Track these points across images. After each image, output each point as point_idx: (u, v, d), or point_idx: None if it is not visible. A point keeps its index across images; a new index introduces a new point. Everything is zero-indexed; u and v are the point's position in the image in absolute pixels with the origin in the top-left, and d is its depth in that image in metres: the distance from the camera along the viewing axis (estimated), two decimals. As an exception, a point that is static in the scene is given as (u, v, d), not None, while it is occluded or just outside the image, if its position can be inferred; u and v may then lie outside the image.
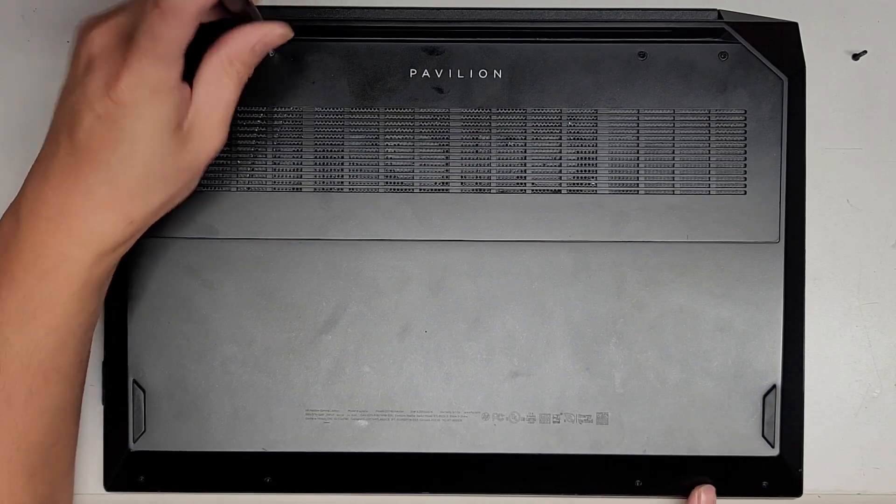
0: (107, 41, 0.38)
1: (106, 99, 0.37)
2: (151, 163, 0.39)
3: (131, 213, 0.40)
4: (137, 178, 0.39)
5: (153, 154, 0.39)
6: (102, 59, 0.37)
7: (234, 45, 0.40)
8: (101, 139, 0.38)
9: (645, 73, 0.47)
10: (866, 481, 0.50)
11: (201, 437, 0.48)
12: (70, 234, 0.39)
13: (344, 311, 0.48)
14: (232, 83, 0.41)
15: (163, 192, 0.40)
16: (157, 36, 0.36)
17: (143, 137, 0.38)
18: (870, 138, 0.50)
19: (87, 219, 0.39)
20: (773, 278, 0.47)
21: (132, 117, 0.37)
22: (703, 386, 0.47)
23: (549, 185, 0.47)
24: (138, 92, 0.37)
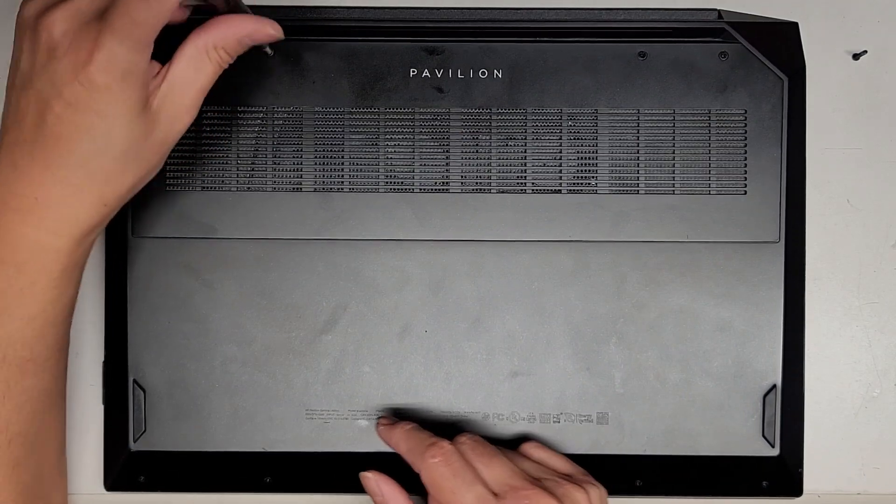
0: (69, 26, 0.37)
1: (76, 84, 0.37)
2: (125, 145, 0.39)
3: (106, 195, 0.40)
4: (112, 160, 0.39)
5: (126, 136, 0.38)
6: (67, 45, 0.37)
7: (223, 32, 0.40)
8: (72, 126, 0.37)
9: (645, 73, 0.47)
10: (866, 481, 0.50)
11: (201, 436, 0.48)
12: (45, 223, 0.39)
13: (344, 311, 0.48)
14: (211, 68, 0.41)
15: (136, 171, 0.40)
16: (137, 20, 0.36)
17: (116, 121, 0.38)
18: (870, 138, 0.50)
19: (62, 207, 0.39)
20: (774, 278, 0.47)
21: (104, 101, 0.37)
22: (703, 386, 0.47)
23: (549, 185, 0.47)
24: (110, 75, 0.37)
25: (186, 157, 0.47)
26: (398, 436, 0.45)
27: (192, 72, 0.40)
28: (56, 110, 0.37)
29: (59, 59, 0.37)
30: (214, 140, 0.47)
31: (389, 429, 0.46)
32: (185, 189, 0.47)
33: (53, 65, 0.37)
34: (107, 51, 0.36)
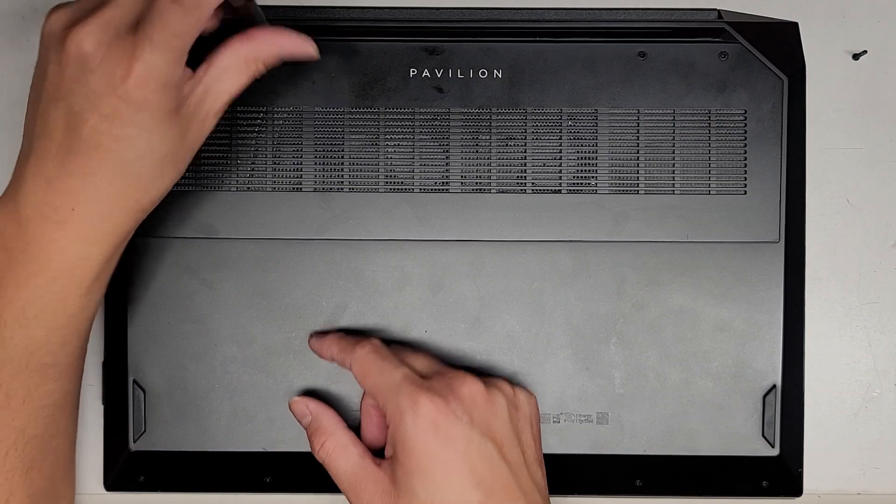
0: (101, 39, 0.36)
1: (113, 97, 0.36)
2: (162, 151, 0.39)
3: (143, 200, 0.40)
4: (150, 166, 0.39)
5: (164, 143, 0.38)
6: (101, 58, 0.36)
7: (264, 46, 0.40)
8: (110, 137, 0.37)
9: (645, 73, 0.47)
10: (866, 481, 0.50)
11: (201, 436, 0.48)
12: (83, 233, 0.39)
13: (344, 311, 0.48)
14: (245, 79, 0.41)
15: (171, 174, 0.40)
16: (175, 31, 0.36)
17: (155, 130, 0.38)
18: (870, 138, 0.50)
19: (100, 216, 0.39)
20: (773, 278, 0.47)
21: (143, 113, 0.37)
22: (703, 386, 0.47)
23: (549, 185, 0.47)
24: (149, 89, 0.37)
25: (186, 157, 0.47)
26: (329, 342, 0.45)
27: (228, 79, 0.40)
28: (91, 123, 0.37)
29: (92, 71, 0.36)
30: (215, 140, 0.47)
31: (320, 339, 0.46)
32: (185, 189, 0.47)
33: (87, 77, 0.37)
34: (145, 64, 0.36)
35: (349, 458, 0.43)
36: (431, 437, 0.39)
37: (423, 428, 0.39)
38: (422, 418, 0.40)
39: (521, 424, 0.42)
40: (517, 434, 0.42)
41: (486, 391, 0.41)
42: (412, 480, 0.40)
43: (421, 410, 0.40)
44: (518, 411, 0.42)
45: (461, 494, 0.39)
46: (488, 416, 0.40)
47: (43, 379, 0.41)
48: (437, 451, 0.39)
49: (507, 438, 0.41)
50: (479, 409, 0.40)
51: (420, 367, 0.43)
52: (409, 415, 0.40)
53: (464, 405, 0.40)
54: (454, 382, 0.41)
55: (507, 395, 0.42)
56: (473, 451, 0.40)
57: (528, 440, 0.42)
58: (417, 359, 0.44)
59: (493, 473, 0.40)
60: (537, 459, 0.42)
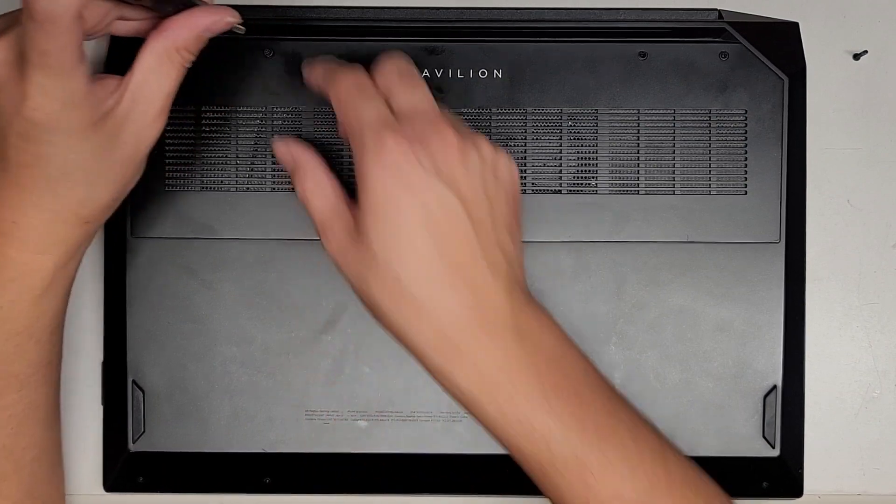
0: (7, 57, 0.36)
1: (20, 118, 0.36)
2: (88, 165, 0.38)
3: (83, 214, 0.39)
4: (78, 182, 0.38)
5: (87, 158, 0.37)
6: (5, 77, 0.36)
7: (180, 33, 0.38)
8: (28, 154, 0.37)
9: (645, 73, 0.47)
10: (867, 482, 0.50)
11: (201, 437, 0.47)
12: (27, 245, 0.39)
13: (344, 311, 0.48)
14: (174, 72, 0.39)
15: (110, 187, 0.39)
16: (43, 49, 0.34)
17: (71, 146, 0.37)
18: (870, 138, 0.50)
19: (42, 229, 0.39)
20: (774, 278, 0.47)
21: (52, 131, 0.36)
22: (703, 386, 0.47)
23: (549, 185, 0.47)
24: (49, 107, 0.35)
25: (186, 157, 0.47)
26: (317, 67, 0.42)
27: (155, 80, 0.38)
28: (11, 140, 0.37)
29: (3, 92, 0.36)
30: (214, 140, 0.47)
31: (311, 63, 0.43)
32: (185, 189, 0.47)
33: (1, 98, 0.36)
34: (36, 85, 0.35)
35: (324, 196, 0.40)
36: (390, 179, 0.37)
37: (383, 169, 0.37)
38: (383, 159, 0.37)
39: (493, 188, 0.39)
40: (487, 195, 0.38)
41: (461, 145, 0.38)
42: (367, 220, 0.37)
43: (383, 151, 0.37)
44: (494, 176, 0.39)
45: (411, 240, 0.37)
46: (456, 170, 0.37)
47: (6, 388, 0.40)
48: (394, 193, 0.37)
49: (473, 196, 0.38)
50: (447, 161, 0.37)
51: (405, 103, 0.39)
52: (372, 154, 0.37)
53: (430, 154, 0.37)
54: (427, 130, 0.38)
55: (483, 156, 0.39)
56: (432, 200, 0.37)
57: (501, 207, 0.39)
58: (407, 93, 0.39)
59: (451, 227, 0.37)
60: (507, 227, 0.39)
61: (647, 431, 0.39)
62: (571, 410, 0.38)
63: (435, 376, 0.39)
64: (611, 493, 0.37)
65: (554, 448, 0.37)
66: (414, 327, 0.38)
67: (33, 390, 0.42)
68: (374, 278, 0.38)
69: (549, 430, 0.37)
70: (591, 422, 0.38)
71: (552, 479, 0.38)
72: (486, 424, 0.39)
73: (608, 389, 0.40)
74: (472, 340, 0.38)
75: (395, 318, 0.38)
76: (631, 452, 0.38)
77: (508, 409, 0.38)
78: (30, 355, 0.41)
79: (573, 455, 0.37)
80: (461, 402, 0.39)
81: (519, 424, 0.38)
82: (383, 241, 0.37)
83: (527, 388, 0.38)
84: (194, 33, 0.39)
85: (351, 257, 0.39)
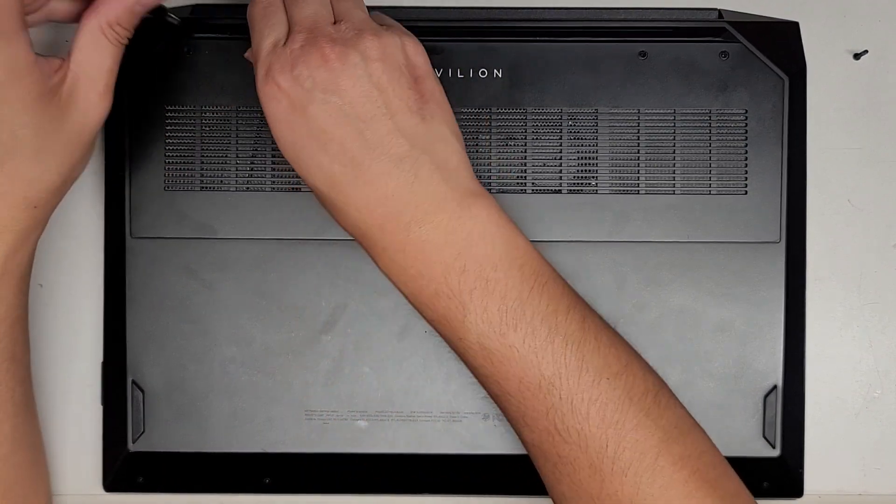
0: None
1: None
2: (36, 142, 0.38)
3: (31, 196, 0.39)
4: (27, 160, 0.38)
5: (35, 133, 0.38)
6: None
7: (112, 8, 0.39)
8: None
9: (645, 73, 0.47)
10: (867, 482, 0.50)
11: (200, 437, 0.47)
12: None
13: (344, 311, 0.47)
14: (112, 48, 0.40)
15: (57, 168, 0.40)
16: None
17: (18, 120, 0.37)
18: (871, 138, 0.50)
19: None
20: (774, 278, 0.47)
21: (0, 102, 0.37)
22: (703, 386, 0.47)
23: (549, 184, 0.47)
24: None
25: (185, 157, 0.47)
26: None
27: (94, 56, 0.39)
28: None
29: None
30: (214, 140, 0.47)
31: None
32: (184, 189, 0.47)
33: None
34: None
35: None
36: (277, 105, 0.38)
37: (270, 98, 0.38)
38: (268, 88, 0.38)
39: (384, 78, 0.39)
40: (379, 88, 0.39)
41: (339, 51, 0.38)
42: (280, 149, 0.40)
43: (268, 81, 0.38)
44: (384, 63, 0.39)
45: (312, 155, 0.39)
46: (336, 76, 0.38)
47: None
48: (284, 117, 0.38)
49: (360, 94, 0.38)
50: (326, 70, 0.38)
51: (296, 18, 0.40)
52: (261, 84, 0.39)
53: (309, 69, 0.38)
54: (307, 47, 0.38)
55: (367, 53, 0.39)
56: (317, 111, 0.38)
57: (398, 92, 0.39)
58: (299, 8, 0.40)
59: (342, 132, 0.38)
60: (409, 108, 0.39)
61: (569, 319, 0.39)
62: (475, 295, 0.38)
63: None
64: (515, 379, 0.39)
65: (458, 331, 0.39)
66: (343, 225, 0.40)
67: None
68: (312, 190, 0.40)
69: (451, 313, 0.39)
70: (497, 308, 0.38)
71: (465, 359, 0.40)
72: (409, 301, 0.41)
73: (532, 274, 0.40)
74: (378, 234, 0.39)
75: (334, 216, 0.41)
76: (539, 340, 0.38)
77: (416, 291, 0.39)
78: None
79: (477, 339, 0.39)
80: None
81: (426, 307, 0.40)
82: (294, 162, 0.39)
83: (429, 272, 0.39)
84: (125, 7, 0.39)
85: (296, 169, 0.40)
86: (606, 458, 0.37)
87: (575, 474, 0.38)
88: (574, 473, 0.38)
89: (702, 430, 0.40)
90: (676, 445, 0.38)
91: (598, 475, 0.37)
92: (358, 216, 0.39)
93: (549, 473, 0.39)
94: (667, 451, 0.37)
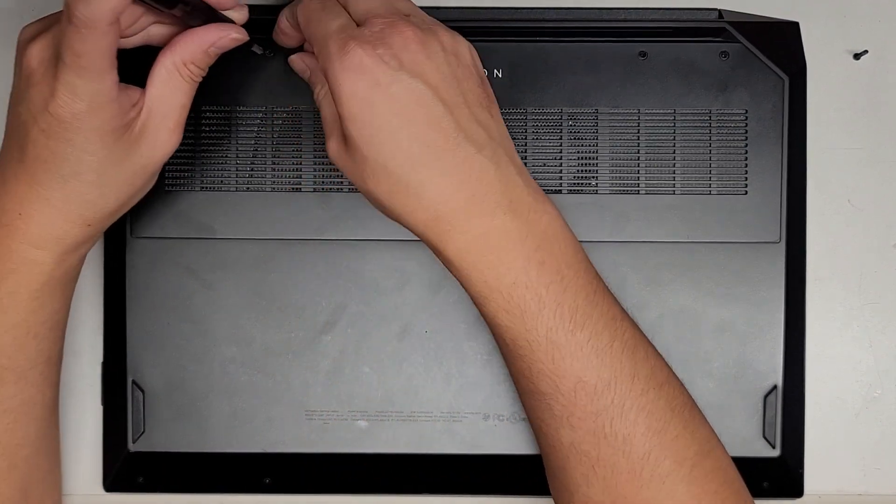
0: (44, 55, 0.37)
1: (46, 114, 0.37)
2: (101, 169, 0.39)
3: (87, 216, 0.40)
4: (89, 184, 0.39)
5: (102, 162, 0.39)
6: (40, 74, 0.37)
7: (188, 48, 0.40)
8: (48, 151, 0.38)
9: (645, 73, 0.47)
10: (867, 482, 0.50)
11: (200, 437, 0.47)
12: (28, 237, 0.40)
13: (344, 311, 0.47)
14: (185, 86, 0.41)
15: (117, 195, 0.41)
16: (77, 51, 0.35)
17: (89, 148, 0.38)
18: (871, 138, 0.50)
19: (45, 223, 0.39)
20: (774, 278, 0.47)
21: (73, 130, 0.37)
22: (703, 386, 0.47)
23: (549, 184, 0.47)
24: (75, 107, 0.37)
25: (186, 157, 0.47)
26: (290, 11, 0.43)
27: (168, 93, 0.40)
28: (33, 135, 0.38)
29: (34, 86, 0.38)
30: (214, 140, 0.47)
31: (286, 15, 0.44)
32: (185, 189, 0.47)
33: (30, 92, 0.38)
34: (65, 84, 0.36)
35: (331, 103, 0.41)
36: (358, 82, 0.38)
37: (350, 73, 0.38)
38: (348, 64, 0.38)
39: (460, 71, 0.40)
40: (456, 78, 0.39)
41: (421, 37, 0.38)
42: (348, 125, 0.39)
43: (347, 56, 0.38)
44: (458, 58, 0.40)
45: (391, 133, 0.38)
46: (420, 59, 0.38)
47: (1, 382, 0.41)
48: (365, 94, 0.38)
49: (442, 80, 0.39)
50: (410, 53, 0.38)
51: (362, 10, 0.40)
52: (337, 62, 0.38)
53: (393, 50, 0.38)
54: (387, 30, 0.38)
55: (444, 43, 0.39)
56: (401, 91, 0.38)
57: (472, 86, 0.40)
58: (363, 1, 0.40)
59: (425, 112, 0.38)
60: (483, 105, 0.40)
61: (624, 326, 0.40)
62: (551, 290, 0.38)
63: (431, 249, 0.41)
64: (574, 377, 0.38)
65: (528, 323, 0.39)
66: (409, 211, 0.39)
67: (30, 386, 0.42)
68: (370, 176, 0.39)
69: (526, 304, 0.38)
70: (569, 305, 0.38)
71: (524, 353, 0.39)
72: (471, 294, 0.40)
73: (594, 279, 0.40)
74: (461, 216, 0.39)
75: (393, 205, 0.39)
76: (602, 342, 0.38)
77: (492, 280, 0.39)
78: (28, 350, 0.41)
79: (545, 333, 0.38)
80: (452, 272, 0.40)
81: (499, 295, 0.39)
82: (366, 141, 0.38)
83: (510, 261, 0.39)
84: (200, 49, 0.40)
85: (346, 161, 0.40)
86: (648, 464, 0.38)
87: (612, 478, 0.38)
88: (612, 477, 0.38)
89: (722, 445, 0.41)
90: (709, 459, 0.39)
91: (636, 480, 0.38)
92: (439, 197, 0.38)
93: (582, 476, 0.39)
94: (701, 463, 0.39)
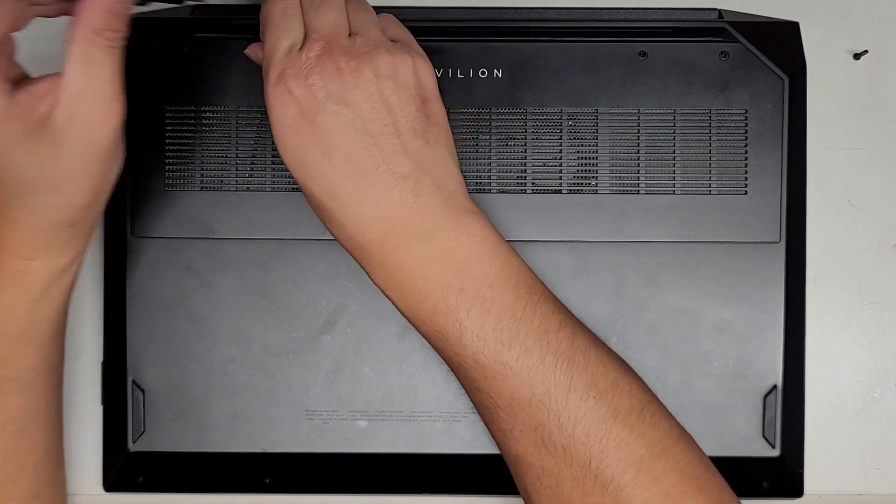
0: None
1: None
2: (44, 175, 0.37)
3: (63, 219, 0.39)
4: (44, 191, 0.37)
5: (36, 168, 0.36)
6: None
7: (93, 15, 0.36)
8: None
9: (645, 73, 0.47)
10: (867, 482, 0.50)
11: (200, 437, 0.47)
12: (15, 251, 0.39)
13: (344, 311, 0.47)
14: (106, 55, 0.36)
15: (81, 189, 0.38)
16: None
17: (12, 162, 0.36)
18: (871, 138, 0.50)
19: (25, 238, 0.39)
20: (774, 278, 0.47)
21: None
22: (703, 386, 0.47)
23: (549, 184, 0.47)
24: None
25: (186, 157, 0.47)
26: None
27: (87, 69, 0.36)
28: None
29: None
30: (214, 140, 0.47)
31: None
32: (185, 189, 0.47)
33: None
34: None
35: None
36: (286, 109, 0.38)
37: (279, 100, 0.38)
38: (280, 90, 0.38)
39: (394, 97, 0.39)
40: (388, 106, 0.39)
41: (354, 65, 0.38)
42: (279, 150, 0.39)
43: (280, 84, 0.38)
44: (396, 82, 0.39)
45: (316, 162, 0.38)
46: (348, 90, 0.38)
47: (2, 392, 0.41)
48: (291, 122, 0.38)
49: (371, 110, 0.38)
50: (338, 84, 0.38)
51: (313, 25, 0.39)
52: (270, 87, 0.38)
53: (324, 79, 0.38)
54: (322, 57, 0.38)
55: (379, 71, 0.39)
56: (328, 121, 0.38)
57: (407, 112, 0.39)
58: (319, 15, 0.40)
59: (350, 144, 0.38)
60: (415, 129, 0.39)
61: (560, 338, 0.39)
62: (472, 314, 0.38)
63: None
64: (507, 395, 0.38)
65: (454, 347, 0.39)
66: (337, 236, 0.40)
67: (36, 395, 0.42)
68: (307, 198, 0.40)
69: (447, 330, 0.39)
70: (492, 326, 0.38)
71: (458, 371, 0.40)
72: (405, 316, 0.40)
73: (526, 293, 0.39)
74: (378, 248, 0.39)
75: (328, 228, 0.40)
76: (532, 359, 0.38)
77: (413, 307, 0.39)
78: (29, 359, 0.41)
79: (472, 355, 0.38)
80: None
81: (422, 323, 0.39)
82: (294, 167, 0.39)
83: (427, 290, 0.39)
84: (105, 10, 0.36)
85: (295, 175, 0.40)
86: (589, 473, 0.38)
87: (558, 487, 0.38)
88: (557, 486, 0.38)
89: (688, 442, 0.40)
90: (658, 461, 0.38)
91: (581, 488, 0.38)
92: (357, 229, 0.39)
93: (531, 485, 0.39)
94: (648, 467, 0.38)
